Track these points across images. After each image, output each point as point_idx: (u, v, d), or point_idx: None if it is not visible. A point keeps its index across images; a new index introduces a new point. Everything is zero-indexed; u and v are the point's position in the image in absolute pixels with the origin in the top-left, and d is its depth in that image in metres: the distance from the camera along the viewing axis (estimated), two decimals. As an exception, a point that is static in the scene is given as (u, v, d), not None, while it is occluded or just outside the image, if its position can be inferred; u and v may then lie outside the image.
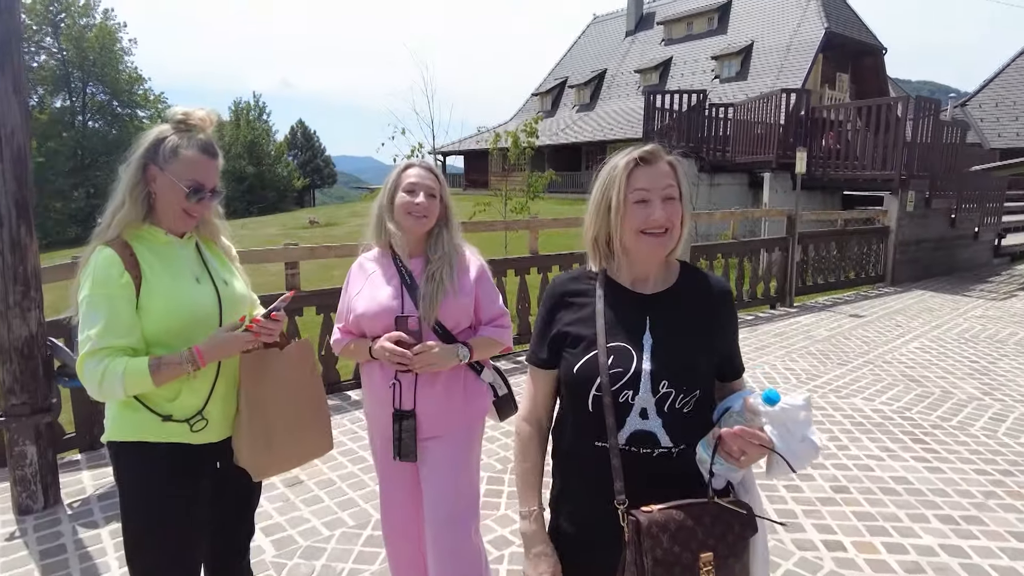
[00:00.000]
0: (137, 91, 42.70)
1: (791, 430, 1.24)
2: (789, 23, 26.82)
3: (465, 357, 1.99)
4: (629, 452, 1.31)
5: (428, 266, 2.01)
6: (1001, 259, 13.59)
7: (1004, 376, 5.58)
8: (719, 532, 1.24)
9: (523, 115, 37.33)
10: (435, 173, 2.06)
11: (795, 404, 1.24)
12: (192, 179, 1.65)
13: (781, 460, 1.23)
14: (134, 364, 1.56)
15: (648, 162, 1.36)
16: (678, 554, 1.20)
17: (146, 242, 1.69)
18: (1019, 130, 26.80)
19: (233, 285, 1.83)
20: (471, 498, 2.08)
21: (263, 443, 1.76)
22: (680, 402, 1.32)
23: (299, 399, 1.86)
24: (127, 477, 1.70)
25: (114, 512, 3.18)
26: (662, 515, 1.22)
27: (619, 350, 1.34)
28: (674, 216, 1.35)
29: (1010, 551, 2.95)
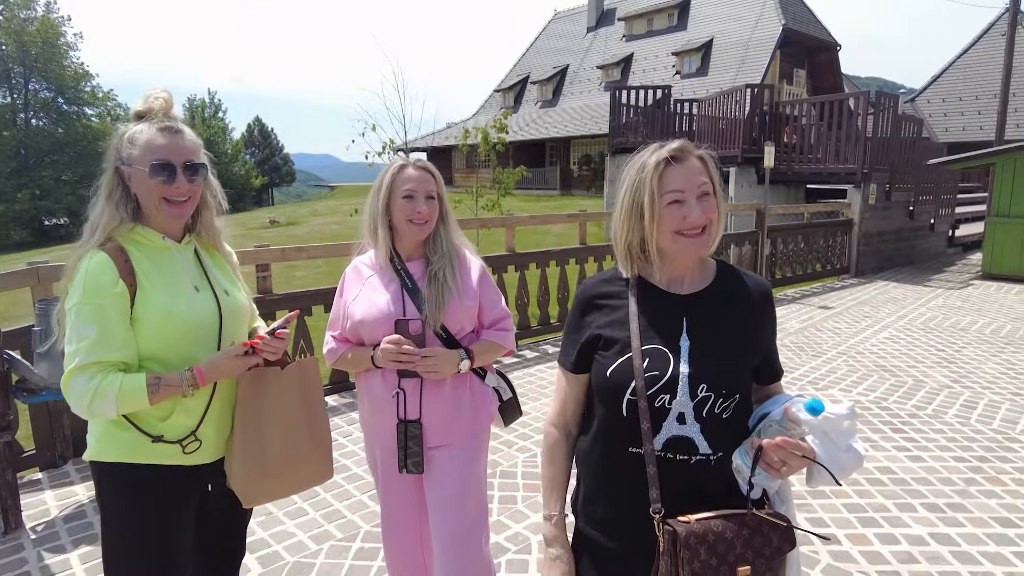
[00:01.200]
0: (84, 88, 40.98)
1: (834, 440, 1.20)
2: (748, 20, 27.28)
3: (466, 366, 1.89)
4: (665, 459, 1.26)
5: (429, 267, 1.92)
6: (955, 249, 14.08)
7: (970, 364, 5.74)
8: (757, 545, 1.19)
9: (486, 111, 37.20)
10: (432, 172, 1.95)
11: (839, 413, 1.19)
12: (155, 159, 1.51)
13: (823, 470, 1.18)
14: (129, 383, 1.43)
15: (679, 160, 1.29)
16: (715, 567, 1.16)
17: (142, 247, 1.55)
18: (965, 124, 27.89)
19: (234, 295, 1.70)
20: (480, 508, 2.00)
21: (257, 468, 1.63)
22: (719, 407, 1.27)
23: (298, 423, 1.73)
24: (111, 500, 1.58)
25: (82, 535, 2.99)
26: (700, 526, 1.17)
27: (655, 353, 1.28)
28: (711, 213, 1.28)
29: (995, 537, 3.00)
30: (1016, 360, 5.85)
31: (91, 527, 3.06)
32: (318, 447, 1.79)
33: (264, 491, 1.69)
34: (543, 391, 5.00)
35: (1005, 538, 2.99)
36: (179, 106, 1.67)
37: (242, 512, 1.81)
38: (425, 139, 32.39)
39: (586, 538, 1.41)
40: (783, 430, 1.21)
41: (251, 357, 1.58)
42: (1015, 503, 3.32)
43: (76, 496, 3.36)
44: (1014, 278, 10.04)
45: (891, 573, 2.72)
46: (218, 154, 48.68)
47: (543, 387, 5.10)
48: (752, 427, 1.31)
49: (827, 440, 1.19)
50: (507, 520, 3.12)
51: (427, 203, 1.89)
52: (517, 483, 3.51)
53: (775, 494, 1.31)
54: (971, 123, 27.68)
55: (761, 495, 1.28)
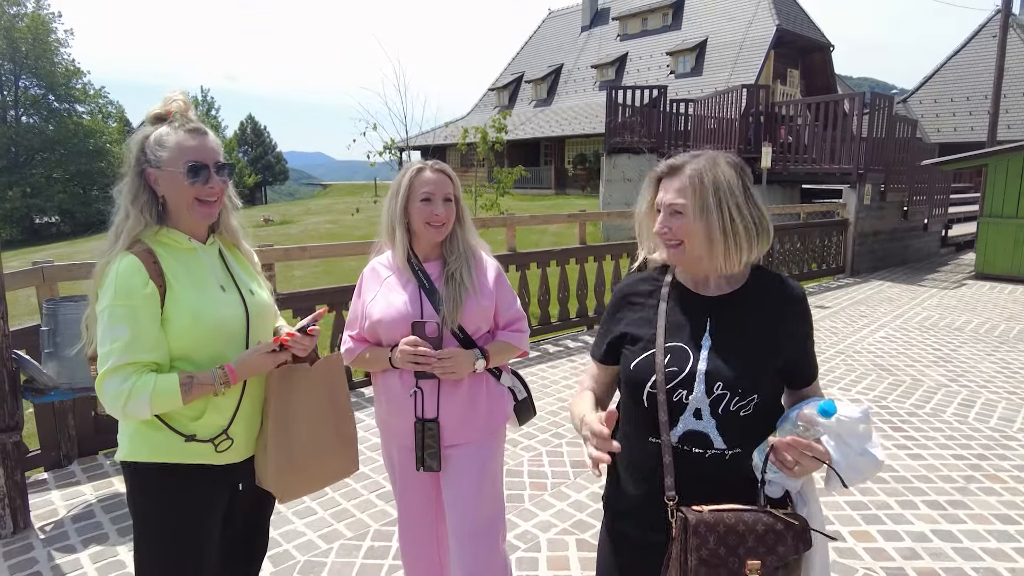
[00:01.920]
0: (75, 85, 40.69)
1: (849, 443, 1.21)
2: (742, 20, 27.39)
3: (481, 366, 1.92)
4: (681, 450, 1.32)
5: (446, 268, 1.94)
6: (947, 249, 14.20)
7: (967, 363, 5.81)
8: (771, 542, 1.21)
9: (480, 110, 37.18)
10: (448, 174, 1.98)
11: (852, 416, 1.20)
12: (187, 161, 1.54)
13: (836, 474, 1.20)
14: (163, 383, 1.45)
15: (669, 176, 1.40)
16: (724, 557, 1.20)
17: (169, 248, 1.57)
18: (957, 125, 28.11)
19: (259, 294, 1.73)
20: (497, 506, 2.02)
21: (288, 462, 1.66)
22: (735, 405, 1.31)
23: (327, 418, 1.77)
24: (143, 500, 1.59)
25: (92, 534, 3.00)
26: (712, 516, 1.22)
27: (676, 350, 1.35)
28: (679, 231, 1.35)
29: (997, 533, 3.05)
30: (1011, 359, 5.93)
31: (100, 527, 3.06)
32: (344, 440, 1.82)
33: (296, 486, 1.72)
34: (545, 390, 5.03)
35: (1006, 534, 3.04)
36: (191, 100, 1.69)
37: (267, 510, 1.84)
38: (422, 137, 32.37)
39: (612, 527, 1.48)
40: (796, 430, 1.23)
41: (281, 354, 1.60)
42: (1014, 500, 3.37)
43: (84, 496, 3.36)
44: (1006, 278, 10.14)
45: (895, 569, 2.76)
46: (211, 152, 48.28)
47: (545, 386, 5.12)
48: (777, 427, 1.33)
49: (841, 443, 1.20)
50: (516, 518, 3.14)
51: (445, 205, 1.91)
52: (524, 481, 3.53)
53: (797, 495, 1.33)
54: (962, 124, 27.91)
55: (783, 495, 1.30)
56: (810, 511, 1.33)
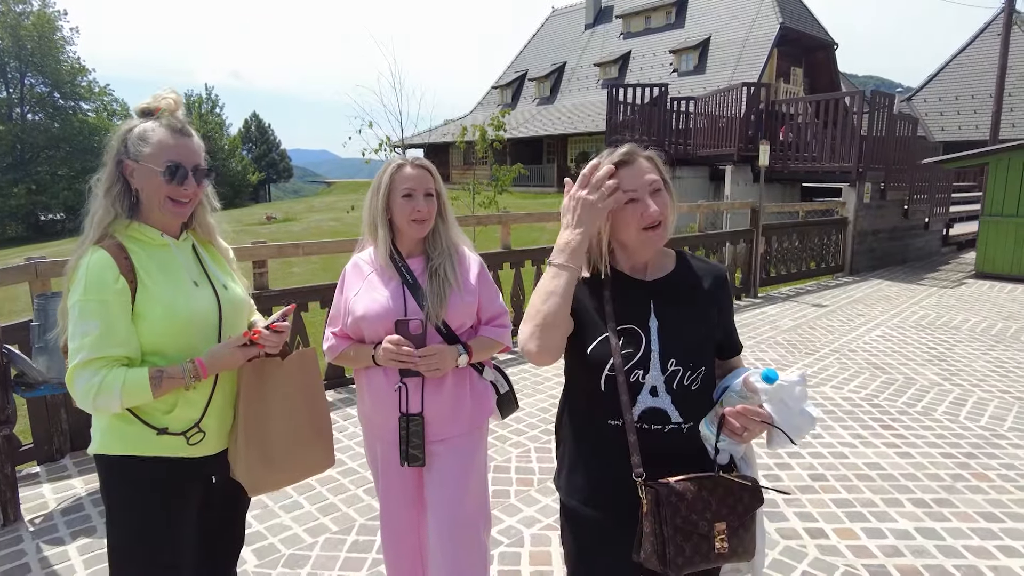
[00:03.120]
0: (80, 82, 40.87)
1: (789, 405, 1.32)
2: (745, 18, 27.31)
3: (464, 360, 1.93)
4: (642, 428, 1.39)
5: (429, 264, 1.95)
6: (949, 248, 14.14)
7: (961, 362, 5.80)
8: (730, 504, 1.32)
9: (483, 108, 37.17)
10: (429, 169, 1.98)
11: (791, 380, 1.32)
12: (168, 160, 1.55)
13: (780, 433, 1.32)
14: (133, 377, 1.47)
15: (627, 163, 1.42)
16: (695, 522, 1.29)
17: (141, 244, 1.58)
18: (961, 124, 27.97)
19: (233, 289, 1.74)
20: (481, 500, 2.04)
21: (261, 457, 1.68)
22: (688, 379, 1.40)
23: (300, 412, 1.77)
24: (117, 493, 1.61)
25: (81, 527, 3.03)
26: (680, 486, 1.31)
27: (628, 332, 1.41)
28: (664, 207, 1.41)
29: (980, 531, 3.05)
30: (1006, 358, 5.91)
31: (89, 519, 3.09)
32: (320, 435, 1.83)
33: (269, 480, 1.73)
34: (537, 387, 5.04)
35: (989, 532, 3.04)
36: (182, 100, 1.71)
37: (242, 503, 1.85)
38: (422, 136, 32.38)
39: (569, 510, 1.51)
40: (743, 399, 1.34)
41: (251, 349, 1.62)
42: (1000, 499, 3.37)
43: (74, 489, 3.39)
44: (1006, 277, 10.11)
45: (877, 566, 2.77)
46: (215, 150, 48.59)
47: (538, 383, 5.14)
48: (716, 399, 1.44)
49: (782, 406, 1.32)
50: (500, 514, 3.16)
51: (426, 201, 1.92)
52: (511, 477, 3.55)
53: (740, 459, 1.43)
54: (967, 122, 27.77)
55: (729, 460, 1.41)
56: (753, 471, 1.44)
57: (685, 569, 1.28)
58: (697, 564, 1.29)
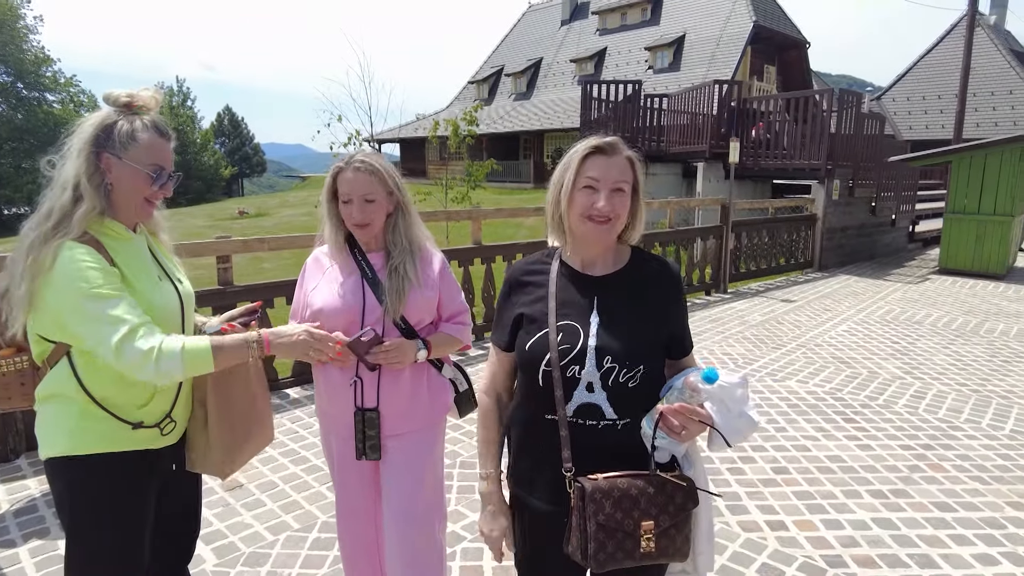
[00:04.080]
0: (45, 73, 39.74)
1: (729, 407, 1.33)
2: (719, 16, 27.54)
3: (423, 355, 1.93)
4: (576, 424, 1.39)
5: (390, 260, 1.93)
6: (915, 244, 14.45)
7: (922, 356, 5.93)
8: (661, 502, 1.32)
9: (460, 103, 37.00)
10: (371, 171, 1.87)
11: (732, 382, 1.32)
12: (153, 163, 1.55)
13: (719, 435, 1.32)
14: (193, 343, 1.47)
15: (605, 153, 1.41)
16: (620, 520, 1.29)
17: (113, 239, 1.56)
18: (928, 123, 28.58)
19: (186, 283, 1.76)
20: (436, 495, 2.04)
21: (230, 443, 1.73)
22: (624, 376, 1.39)
23: (250, 396, 1.82)
24: (85, 494, 1.56)
25: (33, 529, 2.95)
26: (607, 483, 1.30)
27: (568, 328, 1.41)
28: (619, 208, 1.40)
29: (934, 521, 3.13)
30: (964, 352, 6.06)
31: (43, 521, 3.02)
32: (265, 414, 1.91)
33: (235, 463, 1.79)
34: (507, 383, 5.04)
35: (942, 522, 3.12)
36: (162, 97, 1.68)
37: (196, 492, 1.87)
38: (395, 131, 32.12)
39: (515, 497, 1.54)
40: (683, 397, 1.33)
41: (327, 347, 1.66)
42: (954, 488, 3.46)
43: (28, 491, 3.31)
44: (968, 273, 10.36)
45: (834, 556, 2.82)
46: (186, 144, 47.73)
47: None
48: (661, 396, 1.43)
49: (723, 407, 1.32)
50: (465, 509, 3.16)
51: (364, 207, 1.86)
52: (476, 473, 3.53)
53: (683, 458, 1.44)
54: (934, 122, 28.37)
55: (671, 459, 1.41)
56: (695, 471, 1.43)
57: (608, 565, 1.29)
58: (621, 561, 1.30)
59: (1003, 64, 27.96)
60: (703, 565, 1.44)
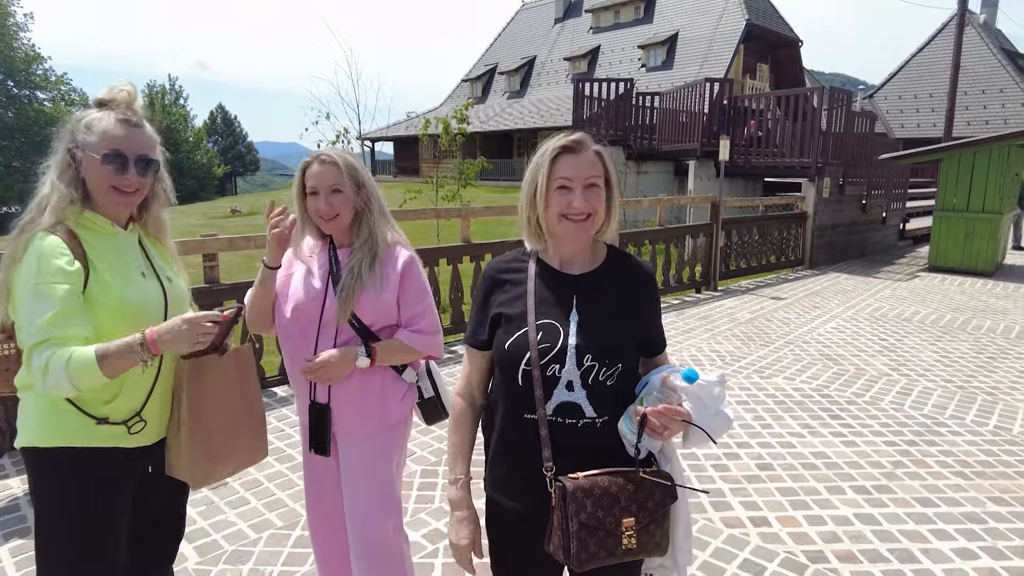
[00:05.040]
0: (35, 71, 39.44)
1: (707, 404, 1.34)
2: (712, 14, 27.59)
3: (364, 364, 1.88)
4: (556, 423, 1.39)
5: (350, 257, 1.93)
6: (905, 242, 14.51)
7: (909, 352, 5.96)
8: (641, 499, 1.32)
9: (453, 101, 36.95)
10: (335, 163, 1.88)
11: (710, 381, 1.34)
12: (108, 148, 1.55)
13: (698, 431, 1.33)
14: (79, 354, 1.43)
15: (573, 151, 1.42)
16: (602, 518, 1.29)
17: (93, 232, 1.58)
18: (919, 121, 28.74)
19: (176, 283, 1.75)
20: (388, 499, 2.01)
21: (203, 451, 1.68)
22: (603, 375, 1.39)
23: (237, 405, 1.78)
24: (48, 487, 1.57)
25: (14, 528, 2.94)
26: (587, 482, 1.30)
27: (547, 327, 1.41)
28: (596, 203, 1.41)
29: (915, 516, 3.15)
30: (951, 348, 6.10)
31: (24, 520, 3.00)
32: (253, 429, 1.84)
33: (210, 473, 1.73)
34: (495, 381, 5.04)
35: (924, 517, 3.14)
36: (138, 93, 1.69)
37: (182, 496, 1.86)
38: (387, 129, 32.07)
39: (491, 499, 1.53)
40: (663, 397, 1.33)
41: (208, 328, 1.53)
42: (936, 484, 3.48)
43: (11, 489, 3.29)
44: (957, 270, 10.41)
45: (815, 552, 2.84)
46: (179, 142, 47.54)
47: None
48: (637, 393, 1.44)
49: (700, 405, 1.33)
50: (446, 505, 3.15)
51: (330, 198, 1.86)
52: (437, 482, 3.47)
53: (660, 454, 1.44)
54: (925, 120, 28.54)
55: (647, 455, 1.41)
56: (672, 467, 1.43)
57: (590, 564, 1.29)
58: (603, 559, 1.30)
59: (994, 63, 28.14)
60: (682, 560, 1.45)
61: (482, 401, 1.59)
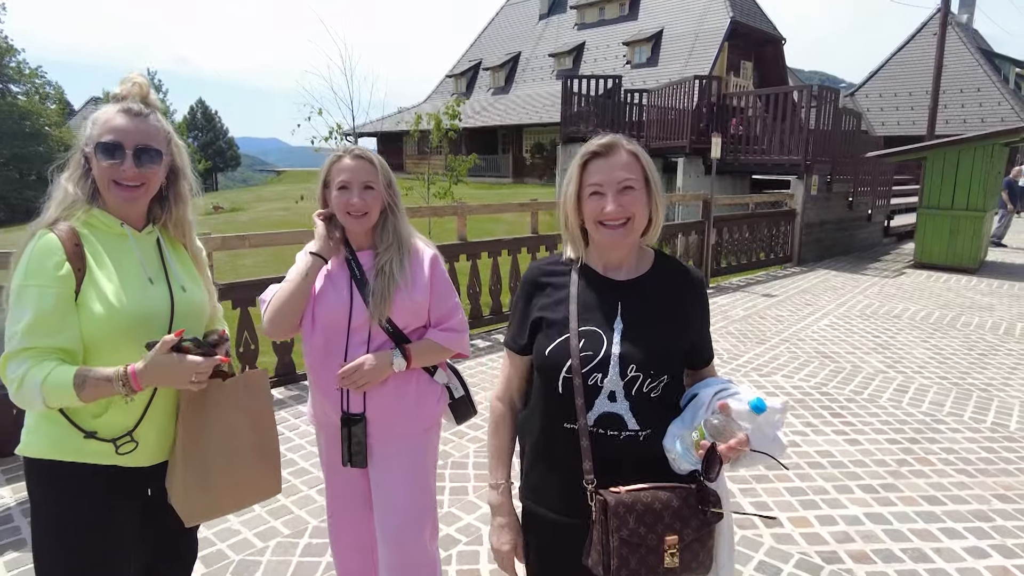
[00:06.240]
0: (8, 63, 38.52)
1: (765, 431, 1.29)
2: (696, 11, 27.71)
3: (400, 367, 1.84)
4: (597, 434, 1.34)
5: (377, 259, 1.87)
6: (890, 239, 14.70)
7: (903, 349, 6.02)
8: (685, 516, 1.28)
9: (437, 96, 36.75)
10: (370, 160, 1.87)
11: (775, 408, 1.29)
12: (103, 138, 1.47)
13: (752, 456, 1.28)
14: (57, 375, 1.35)
15: (603, 155, 1.37)
16: (644, 535, 1.24)
17: (97, 231, 1.50)
18: (899, 119, 29.12)
19: (192, 292, 1.62)
20: (425, 504, 1.97)
21: (198, 483, 1.55)
22: (648, 386, 1.35)
23: (243, 436, 1.63)
24: (41, 499, 1.49)
25: (9, 540, 2.84)
26: (629, 496, 1.26)
27: (590, 334, 1.36)
28: (632, 206, 1.36)
29: (924, 515, 3.16)
30: (943, 345, 6.16)
31: (18, 531, 2.90)
32: (264, 460, 1.69)
33: (206, 508, 1.60)
34: (495, 380, 4.99)
35: (932, 516, 3.15)
36: (114, 87, 1.61)
37: None
38: (374, 124, 31.78)
39: (527, 509, 1.48)
40: (722, 426, 1.27)
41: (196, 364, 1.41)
42: (941, 482, 3.50)
43: (2, 499, 3.18)
44: (942, 267, 10.55)
45: (829, 553, 2.83)
46: (157, 137, 46.53)
47: (495, 376, 5.08)
48: (683, 406, 1.39)
49: (759, 431, 1.29)
50: (459, 511, 3.11)
51: (363, 194, 1.82)
52: (468, 473, 3.50)
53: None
54: (905, 118, 28.93)
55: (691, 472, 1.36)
56: (717, 484, 1.37)
57: None
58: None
59: (971, 62, 28.59)
60: None
61: (521, 406, 1.55)
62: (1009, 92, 28.08)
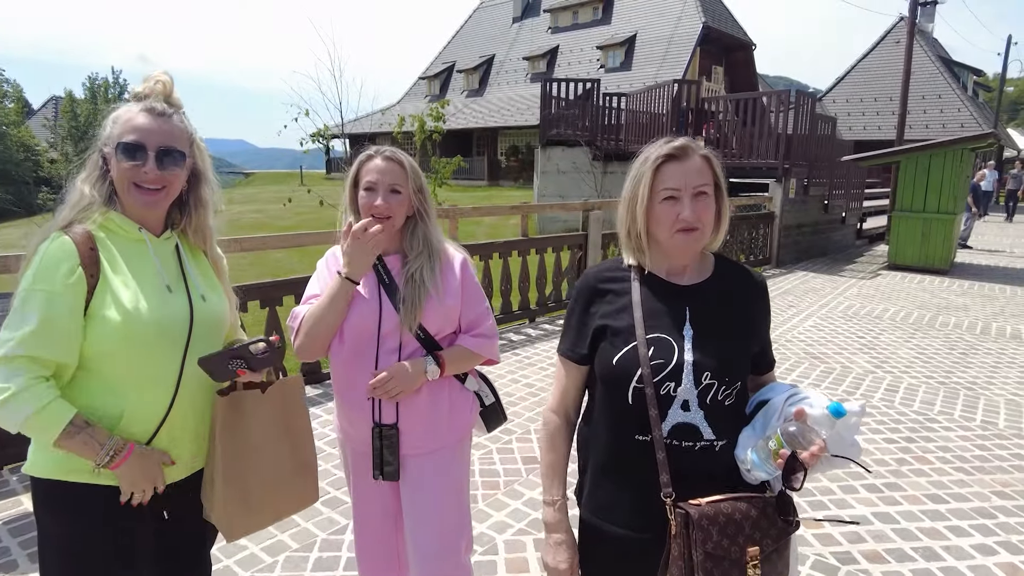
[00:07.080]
0: (-36, 61, 37.29)
1: (843, 436, 1.27)
2: (670, 16, 28.06)
3: (434, 374, 1.79)
4: (671, 445, 1.30)
5: (406, 265, 1.81)
6: (862, 241, 15.04)
7: (888, 349, 6.13)
8: (764, 527, 1.25)
9: (411, 98, 36.56)
10: (400, 162, 1.81)
11: (853, 411, 1.26)
12: (124, 138, 1.40)
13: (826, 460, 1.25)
14: (52, 412, 1.29)
15: (678, 158, 1.33)
16: (727, 548, 1.21)
17: (114, 235, 1.42)
18: (866, 124, 29.88)
19: (212, 302, 1.54)
20: (461, 517, 1.92)
21: (240, 501, 1.49)
22: (722, 394, 1.31)
23: (282, 448, 1.58)
24: (47, 522, 1.41)
25: (6, 559, 2.69)
26: (711, 508, 1.23)
27: (659, 341, 1.32)
28: (705, 213, 1.32)
29: (929, 513, 3.20)
30: (925, 345, 6.30)
31: (8, 552, 2.75)
32: (302, 471, 1.64)
33: (247, 524, 1.55)
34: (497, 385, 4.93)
35: (937, 513, 3.19)
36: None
37: (206, 545, 1.66)
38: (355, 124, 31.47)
39: (591, 526, 1.43)
40: (800, 433, 1.23)
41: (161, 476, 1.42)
42: (941, 480, 3.55)
43: (9, 511, 3.03)
44: (915, 268, 10.81)
45: (843, 553, 2.85)
46: (121, 137, 45.37)
47: (497, 379, 5.01)
48: (750, 413, 1.37)
49: (837, 436, 1.26)
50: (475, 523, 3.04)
51: (389, 197, 1.76)
52: (476, 481, 3.43)
53: (775, 479, 1.36)
54: (871, 123, 29.71)
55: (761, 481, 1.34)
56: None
57: None
58: None
59: (932, 70, 29.51)
60: None
61: (576, 417, 1.50)
62: (968, 99, 29.07)
